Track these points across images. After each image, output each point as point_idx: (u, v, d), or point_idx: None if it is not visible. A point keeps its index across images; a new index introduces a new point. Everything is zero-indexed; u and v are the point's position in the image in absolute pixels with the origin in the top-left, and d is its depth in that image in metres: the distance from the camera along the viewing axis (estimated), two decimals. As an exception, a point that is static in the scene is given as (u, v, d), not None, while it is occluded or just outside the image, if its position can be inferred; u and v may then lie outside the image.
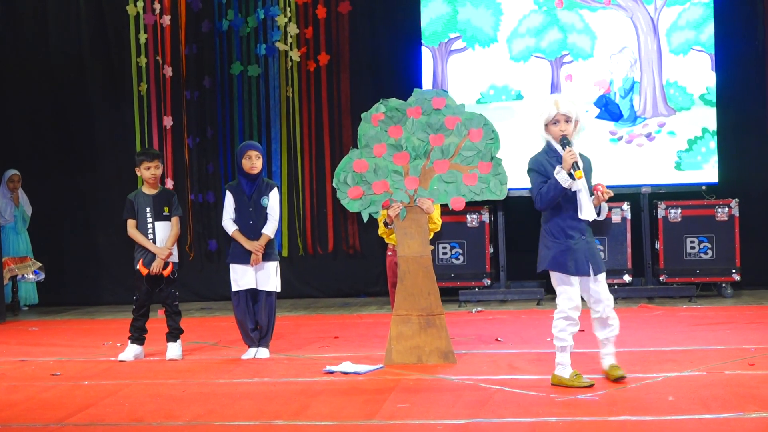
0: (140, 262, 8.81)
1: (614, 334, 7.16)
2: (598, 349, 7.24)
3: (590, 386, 6.83)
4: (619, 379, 6.99)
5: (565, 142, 6.93)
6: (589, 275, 7.01)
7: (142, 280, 8.82)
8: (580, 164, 6.87)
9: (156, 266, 8.76)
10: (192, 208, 14.01)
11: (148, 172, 8.87)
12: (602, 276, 7.08)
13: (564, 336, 7.08)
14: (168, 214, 8.87)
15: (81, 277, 14.36)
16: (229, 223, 8.80)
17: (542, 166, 7.01)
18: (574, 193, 6.96)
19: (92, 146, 14.33)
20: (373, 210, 8.25)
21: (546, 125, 7.01)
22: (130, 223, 8.88)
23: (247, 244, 8.69)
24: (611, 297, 7.14)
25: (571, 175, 6.84)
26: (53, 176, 14.39)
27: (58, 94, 14.38)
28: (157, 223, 8.84)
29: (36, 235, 13.80)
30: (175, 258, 8.93)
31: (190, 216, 13.97)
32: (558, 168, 6.89)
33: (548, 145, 7.04)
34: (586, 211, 6.99)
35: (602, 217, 7.10)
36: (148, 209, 8.85)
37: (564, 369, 7.04)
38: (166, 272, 8.80)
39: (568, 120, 6.95)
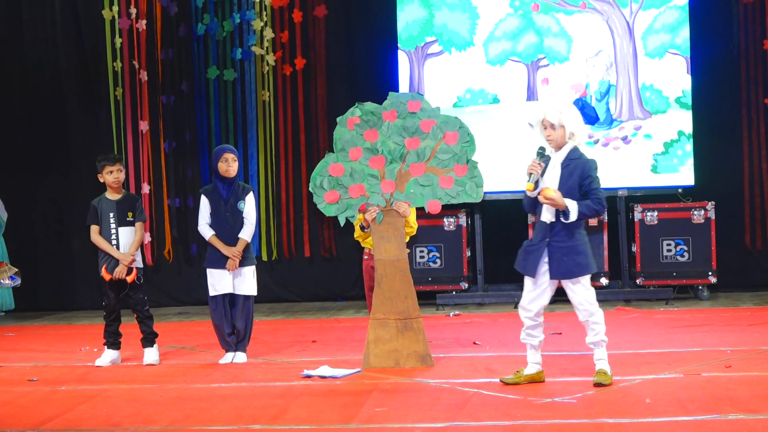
0: (103, 267, 8.77)
1: (597, 339, 7.20)
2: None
3: (503, 383, 7.13)
4: (597, 385, 7.00)
5: (538, 152, 7.28)
6: (533, 276, 7.14)
7: (109, 286, 8.78)
8: (537, 177, 7.19)
9: (118, 272, 8.71)
10: (169, 213, 13.97)
11: (111, 176, 8.83)
12: (574, 282, 7.13)
13: (522, 334, 7.32)
14: (132, 219, 8.82)
15: (56, 282, 14.29)
16: (205, 228, 8.78)
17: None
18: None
19: (67, 151, 14.26)
20: (349, 214, 8.25)
21: (542, 130, 7.29)
22: (93, 229, 8.84)
23: (225, 249, 8.67)
24: (588, 302, 7.18)
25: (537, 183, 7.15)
26: (27, 181, 14.30)
27: (33, 98, 14.29)
28: (120, 229, 8.79)
29: (10, 240, 13.73)
30: (139, 263, 8.87)
31: (167, 221, 13.93)
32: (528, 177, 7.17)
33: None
34: (544, 214, 7.17)
35: (571, 219, 7.10)
36: (111, 215, 8.80)
37: (528, 366, 7.26)
38: (130, 278, 8.73)
39: (552, 126, 7.16)
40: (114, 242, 8.76)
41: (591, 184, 7.22)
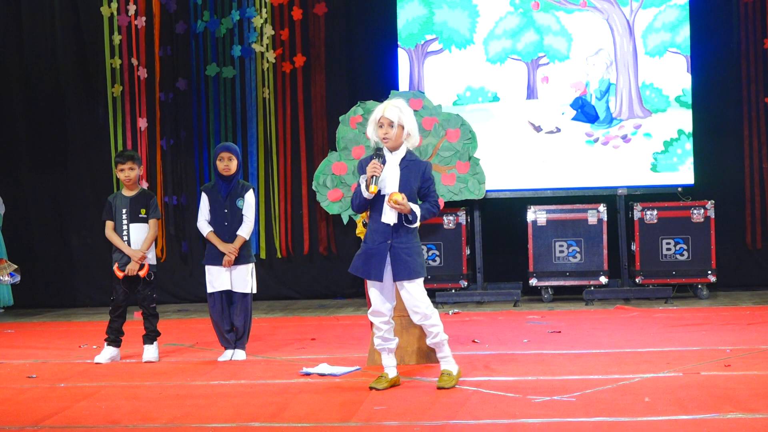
0: (116, 265, 8.79)
1: (438, 341, 7.17)
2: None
3: (373, 389, 7.05)
4: (441, 388, 7.01)
5: (376, 153, 7.03)
6: (381, 280, 7.07)
7: (119, 282, 8.79)
8: (383, 178, 6.98)
9: (130, 269, 8.73)
10: (166, 210, 13.96)
11: (122, 174, 8.85)
12: (411, 284, 7.07)
13: (374, 339, 7.30)
14: (145, 216, 8.83)
15: (55, 279, 14.29)
16: (204, 224, 8.77)
17: (362, 169, 7.11)
18: (383, 197, 7.00)
19: (65, 148, 14.25)
20: (352, 212, 8.25)
21: (376, 128, 7.08)
22: (108, 225, 8.86)
23: (222, 246, 8.66)
24: (424, 303, 7.10)
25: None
26: (26, 177, 14.30)
27: (32, 94, 14.28)
28: (132, 225, 8.80)
29: (8, 237, 13.71)
30: (152, 260, 8.88)
31: (163, 217, 13.92)
32: (362, 177, 7.02)
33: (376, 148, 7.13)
34: (386, 215, 7.02)
35: (415, 225, 7.05)
36: (124, 211, 8.81)
37: (385, 368, 7.26)
38: (143, 273, 8.76)
39: (391, 124, 6.99)
40: (125, 238, 8.77)
41: (430, 186, 7.13)
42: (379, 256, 7.03)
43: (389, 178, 7.01)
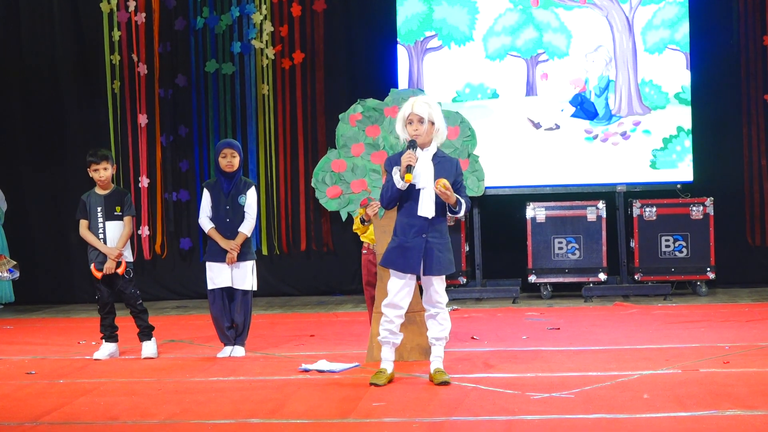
0: (93, 265, 8.77)
1: (444, 335, 7.23)
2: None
3: (373, 385, 7.06)
4: (443, 383, 7.03)
5: (410, 144, 7.01)
6: (417, 273, 7.12)
7: (99, 282, 8.78)
8: (418, 170, 6.98)
9: (108, 268, 8.71)
10: (165, 207, 13.97)
11: (96, 174, 8.81)
12: (439, 279, 7.15)
13: (381, 331, 7.29)
14: (120, 213, 8.81)
15: (54, 275, 14.29)
16: (205, 220, 8.77)
17: (391, 165, 7.11)
18: (419, 191, 7.04)
19: (64, 144, 14.25)
20: (351, 209, 8.27)
21: (404, 124, 7.09)
22: (82, 224, 8.83)
23: (223, 242, 8.66)
24: (445, 298, 7.23)
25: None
26: (25, 174, 14.30)
27: (31, 91, 14.28)
28: (107, 223, 8.77)
29: (8, 233, 13.71)
30: (129, 257, 8.86)
31: (160, 214, 13.92)
32: (395, 169, 7.01)
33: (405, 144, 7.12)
34: (424, 209, 7.04)
35: (461, 214, 7.14)
36: (99, 209, 8.78)
37: (383, 362, 7.26)
38: (120, 271, 8.73)
39: (421, 121, 7.01)
40: (101, 236, 8.75)
41: (462, 182, 7.21)
42: (416, 250, 7.06)
43: (423, 173, 7.03)
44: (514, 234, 13.07)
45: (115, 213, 8.79)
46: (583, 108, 12.71)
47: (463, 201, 7.07)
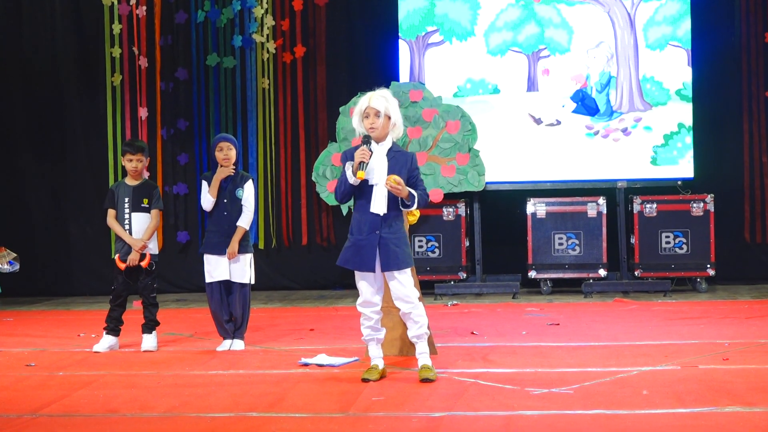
0: (117, 256, 8.79)
1: (421, 332, 7.20)
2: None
3: (365, 380, 7.05)
4: (425, 380, 7.01)
5: (364, 141, 7.00)
6: (373, 271, 7.09)
7: (120, 272, 8.79)
8: (371, 166, 6.97)
9: (131, 259, 8.73)
10: (165, 200, 13.96)
11: (129, 164, 8.84)
12: (401, 273, 7.12)
13: (363, 330, 7.29)
14: (147, 206, 8.83)
15: (54, 267, 14.29)
16: (206, 199, 8.69)
17: (346, 158, 7.10)
18: (371, 187, 7.03)
19: (65, 137, 14.24)
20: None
21: (361, 117, 7.08)
22: (110, 213, 8.85)
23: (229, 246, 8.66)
24: (413, 294, 7.19)
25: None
26: (25, 166, 14.29)
27: (31, 83, 14.27)
28: (134, 215, 8.79)
29: (7, 225, 13.71)
30: (153, 250, 8.88)
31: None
32: (348, 164, 7.00)
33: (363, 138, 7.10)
34: (376, 206, 7.05)
35: (413, 208, 7.11)
36: (126, 200, 8.81)
37: (373, 360, 7.27)
38: (144, 263, 8.76)
39: (377, 114, 7.00)
40: (127, 227, 8.76)
41: (418, 176, 7.17)
42: (369, 247, 7.06)
43: (377, 168, 7.01)
44: (514, 229, 13.07)
45: (143, 205, 8.81)
46: (584, 104, 12.70)
47: (416, 194, 7.04)
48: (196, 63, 13.99)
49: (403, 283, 7.12)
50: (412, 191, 7.02)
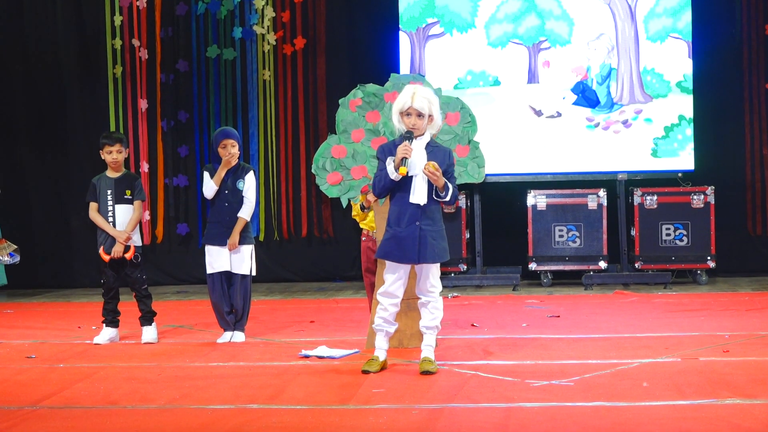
0: (101, 248, 8.77)
1: (435, 324, 7.23)
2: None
3: (365, 372, 7.06)
4: (426, 373, 7.01)
5: (406, 136, 7.00)
6: (416, 262, 7.10)
7: (107, 266, 8.78)
8: (412, 161, 6.97)
9: (116, 251, 8.70)
10: (166, 192, 13.97)
11: (109, 156, 8.82)
12: (429, 266, 7.14)
13: (375, 319, 7.29)
14: (130, 197, 8.81)
15: (54, 259, 14.30)
16: (209, 187, 8.70)
17: (384, 154, 7.09)
18: (411, 178, 7.04)
19: (65, 128, 14.24)
20: (351, 195, 8.25)
21: (401, 114, 7.07)
22: (92, 206, 8.83)
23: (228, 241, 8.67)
24: (438, 286, 7.23)
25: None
26: (25, 158, 14.29)
27: (32, 75, 14.26)
28: (117, 207, 8.77)
29: (8, 217, 13.71)
30: (137, 242, 8.86)
31: (161, 199, 13.92)
32: (389, 159, 7.01)
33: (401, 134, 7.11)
34: (416, 196, 7.04)
35: (447, 199, 7.12)
36: (109, 192, 8.78)
37: (377, 350, 7.26)
38: (129, 255, 8.74)
39: (420, 115, 7.02)
40: (110, 219, 8.75)
41: (453, 173, 7.21)
42: (410, 239, 7.04)
43: (417, 161, 7.02)
44: (514, 221, 13.07)
45: (125, 197, 8.79)
46: (585, 96, 12.69)
47: (450, 186, 7.07)
48: (196, 55, 13.98)
49: (433, 275, 7.17)
50: (448, 183, 7.03)
